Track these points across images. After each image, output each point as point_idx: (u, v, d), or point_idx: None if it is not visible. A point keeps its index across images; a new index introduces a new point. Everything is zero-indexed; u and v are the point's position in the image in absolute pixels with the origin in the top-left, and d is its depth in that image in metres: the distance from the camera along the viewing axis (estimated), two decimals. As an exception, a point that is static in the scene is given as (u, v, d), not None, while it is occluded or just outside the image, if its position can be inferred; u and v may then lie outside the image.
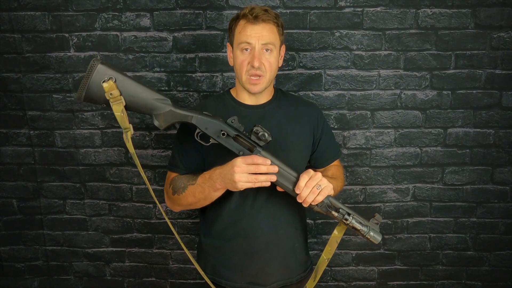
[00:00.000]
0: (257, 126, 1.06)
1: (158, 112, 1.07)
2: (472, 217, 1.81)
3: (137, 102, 1.05)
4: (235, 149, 1.08)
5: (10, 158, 1.79)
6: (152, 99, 1.06)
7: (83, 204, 1.84)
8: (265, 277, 1.23)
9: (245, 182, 1.04)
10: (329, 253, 1.17)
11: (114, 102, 1.02)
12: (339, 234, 1.16)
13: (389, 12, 1.61)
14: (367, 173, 1.77)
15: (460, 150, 1.74)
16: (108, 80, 1.00)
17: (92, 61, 1.01)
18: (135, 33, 1.65)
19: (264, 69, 1.17)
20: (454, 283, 1.88)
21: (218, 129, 1.07)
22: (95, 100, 1.04)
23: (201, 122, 1.08)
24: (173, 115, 1.08)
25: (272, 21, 1.16)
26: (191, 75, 1.69)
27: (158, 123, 1.08)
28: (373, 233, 1.10)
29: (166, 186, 1.27)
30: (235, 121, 1.08)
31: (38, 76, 1.70)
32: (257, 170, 1.03)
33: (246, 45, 1.15)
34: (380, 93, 1.69)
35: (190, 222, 1.84)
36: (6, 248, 1.91)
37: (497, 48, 1.63)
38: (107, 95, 1.01)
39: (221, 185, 1.11)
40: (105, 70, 1.01)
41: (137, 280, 1.92)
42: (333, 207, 1.10)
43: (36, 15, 1.64)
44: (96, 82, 1.01)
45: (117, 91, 1.02)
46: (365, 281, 1.89)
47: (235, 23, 1.19)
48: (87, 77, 1.01)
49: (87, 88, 1.01)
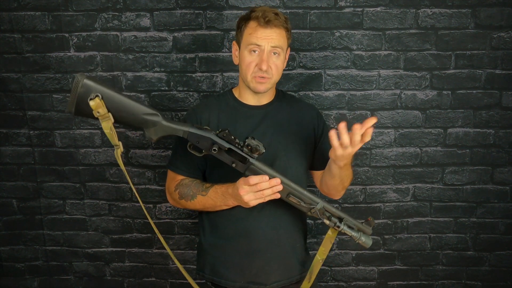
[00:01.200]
0: (250, 139, 1.05)
1: (148, 127, 1.06)
2: (472, 217, 1.81)
3: (127, 118, 1.03)
4: (228, 161, 1.08)
5: (10, 158, 1.79)
6: (142, 114, 1.04)
7: (83, 204, 1.84)
8: (265, 276, 1.23)
9: (254, 200, 1.07)
10: (323, 253, 1.17)
11: (103, 120, 1.00)
12: (333, 235, 1.16)
13: (389, 12, 1.61)
14: (367, 173, 1.77)
15: (460, 150, 1.74)
16: (95, 98, 0.97)
17: (76, 77, 0.97)
18: (135, 33, 1.65)
19: (271, 72, 1.17)
20: (454, 283, 1.88)
21: (210, 143, 1.07)
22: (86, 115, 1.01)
23: (192, 136, 1.07)
24: (163, 129, 1.07)
25: (283, 26, 1.17)
26: (191, 75, 1.69)
27: (149, 136, 1.07)
28: (364, 238, 1.12)
29: (169, 187, 1.27)
30: (227, 134, 1.07)
31: (38, 76, 1.70)
32: (259, 188, 1.05)
33: (255, 47, 1.16)
34: (380, 93, 1.69)
35: (190, 222, 1.84)
36: (6, 248, 1.91)
37: (497, 48, 1.64)
38: (95, 113, 0.98)
39: (234, 203, 1.15)
40: (90, 86, 0.97)
41: (137, 280, 1.92)
42: (327, 214, 1.11)
43: (36, 15, 1.64)
44: (83, 98, 0.97)
45: (104, 108, 0.99)
46: (365, 281, 1.89)
47: (245, 24, 1.19)
48: (74, 94, 0.97)
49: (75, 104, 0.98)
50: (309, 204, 1.10)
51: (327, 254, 1.18)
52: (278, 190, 1.07)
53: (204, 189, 1.19)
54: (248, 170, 1.07)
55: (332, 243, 1.17)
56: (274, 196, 1.08)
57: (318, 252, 1.17)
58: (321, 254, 1.17)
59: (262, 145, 1.05)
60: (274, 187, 1.06)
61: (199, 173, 1.26)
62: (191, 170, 1.24)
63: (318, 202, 1.10)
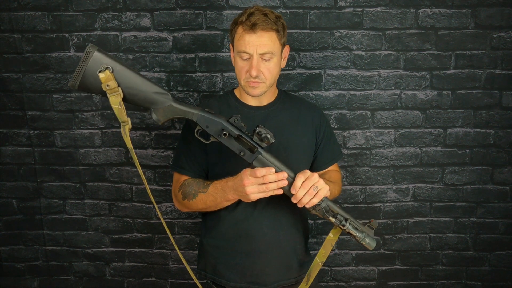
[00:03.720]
0: (260, 127, 1.03)
1: (157, 107, 1.01)
2: (472, 217, 1.81)
3: (136, 95, 0.99)
4: (236, 149, 1.05)
5: (10, 158, 1.79)
6: (152, 92, 1.00)
7: (83, 204, 1.84)
8: (266, 277, 1.23)
9: (257, 193, 1.04)
10: (323, 256, 1.15)
11: (111, 94, 0.95)
12: (334, 237, 1.14)
13: (389, 12, 1.61)
14: (367, 173, 1.77)
15: (460, 150, 1.74)
16: (105, 70, 0.93)
17: (88, 47, 0.93)
18: (135, 33, 1.65)
19: (263, 77, 1.15)
20: (454, 283, 1.88)
21: (220, 128, 1.03)
22: (91, 89, 0.97)
23: (202, 119, 1.03)
24: (173, 110, 1.02)
25: (271, 28, 1.12)
26: (191, 75, 1.69)
27: (157, 118, 1.02)
28: (368, 239, 1.10)
29: (174, 189, 1.27)
30: (237, 120, 1.04)
31: (38, 76, 1.70)
32: (266, 180, 1.02)
33: (244, 54, 1.14)
34: (380, 93, 1.69)
35: (190, 222, 1.84)
36: (6, 248, 1.91)
37: (497, 48, 1.63)
38: (104, 86, 0.94)
39: (234, 197, 1.11)
40: (101, 58, 0.93)
41: (137, 280, 1.92)
42: (331, 212, 1.09)
43: (36, 15, 1.64)
44: (92, 71, 0.93)
45: (115, 82, 0.95)
46: (365, 281, 1.89)
47: (234, 28, 1.17)
48: (82, 65, 0.93)
49: (81, 77, 0.94)
50: None
51: (327, 257, 1.17)
52: (284, 185, 1.04)
53: (204, 186, 1.17)
54: (256, 160, 1.04)
55: (332, 246, 1.15)
56: (277, 191, 1.04)
57: (318, 254, 1.16)
58: (320, 257, 1.16)
59: (272, 135, 1.02)
60: (280, 182, 1.03)
61: (202, 172, 1.25)
62: (195, 169, 1.24)
63: (323, 200, 1.08)
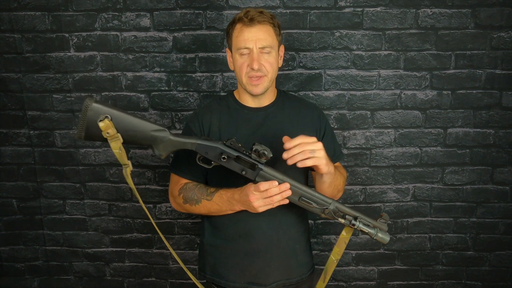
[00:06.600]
0: (257, 144, 1.06)
1: (157, 143, 1.08)
2: (472, 217, 1.81)
3: (135, 136, 1.05)
4: (237, 169, 1.08)
5: (10, 158, 1.79)
6: (150, 131, 1.06)
7: (83, 204, 1.84)
8: (265, 277, 1.23)
9: (263, 206, 1.07)
10: (337, 254, 1.17)
11: (112, 140, 1.02)
12: (347, 235, 1.16)
13: (389, 12, 1.61)
14: (367, 173, 1.77)
15: (460, 150, 1.74)
16: (104, 119, 1.00)
17: (86, 101, 1.00)
18: (135, 33, 1.65)
19: (265, 70, 1.17)
20: (454, 283, 1.88)
21: (219, 152, 1.07)
22: (95, 138, 1.04)
23: (200, 147, 1.08)
24: (172, 144, 1.08)
25: (268, 22, 1.16)
26: (191, 75, 1.69)
27: (159, 153, 1.09)
28: (381, 234, 1.10)
29: (173, 191, 1.27)
30: (234, 142, 1.08)
31: (38, 76, 1.70)
32: (270, 194, 1.05)
33: (244, 50, 1.16)
34: (380, 93, 1.69)
35: (190, 222, 1.84)
36: (6, 248, 1.91)
37: (497, 48, 1.64)
38: (104, 134, 1.01)
39: (241, 208, 1.14)
40: (99, 109, 1.00)
41: (137, 280, 1.92)
42: (340, 213, 1.10)
43: (36, 15, 1.64)
44: (93, 121, 1.00)
45: (114, 129, 1.01)
46: (365, 281, 1.89)
47: (232, 27, 1.19)
48: (83, 117, 1.00)
49: (85, 128, 1.01)
50: (322, 206, 1.09)
51: (342, 254, 1.18)
52: (288, 195, 1.06)
53: (208, 193, 1.19)
54: (258, 177, 1.07)
55: (346, 243, 1.16)
56: (283, 202, 1.07)
57: (332, 252, 1.18)
58: (335, 255, 1.17)
59: (269, 150, 1.05)
60: (284, 193, 1.06)
61: (202, 176, 1.26)
62: (195, 173, 1.24)
63: (330, 202, 1.09)
